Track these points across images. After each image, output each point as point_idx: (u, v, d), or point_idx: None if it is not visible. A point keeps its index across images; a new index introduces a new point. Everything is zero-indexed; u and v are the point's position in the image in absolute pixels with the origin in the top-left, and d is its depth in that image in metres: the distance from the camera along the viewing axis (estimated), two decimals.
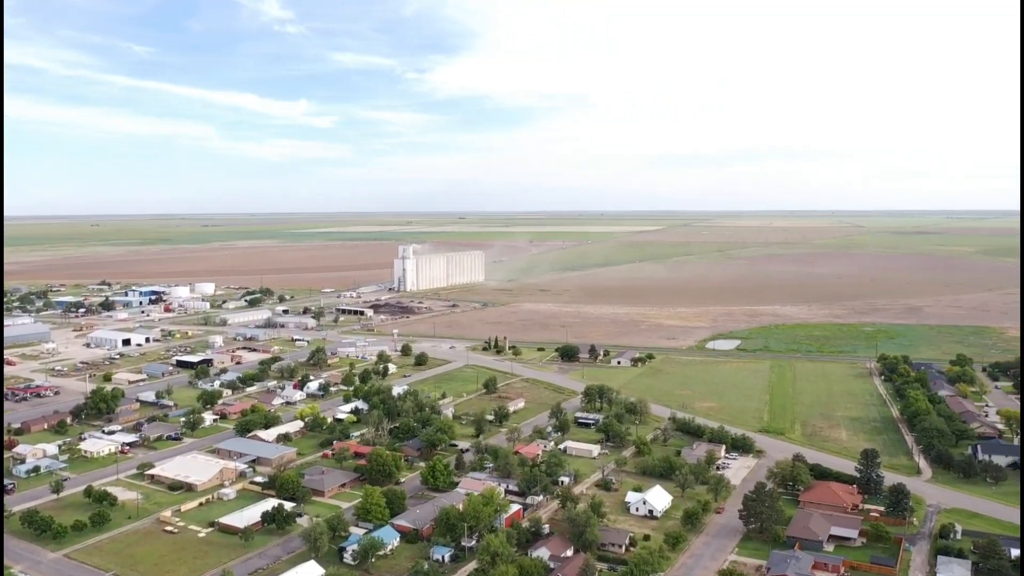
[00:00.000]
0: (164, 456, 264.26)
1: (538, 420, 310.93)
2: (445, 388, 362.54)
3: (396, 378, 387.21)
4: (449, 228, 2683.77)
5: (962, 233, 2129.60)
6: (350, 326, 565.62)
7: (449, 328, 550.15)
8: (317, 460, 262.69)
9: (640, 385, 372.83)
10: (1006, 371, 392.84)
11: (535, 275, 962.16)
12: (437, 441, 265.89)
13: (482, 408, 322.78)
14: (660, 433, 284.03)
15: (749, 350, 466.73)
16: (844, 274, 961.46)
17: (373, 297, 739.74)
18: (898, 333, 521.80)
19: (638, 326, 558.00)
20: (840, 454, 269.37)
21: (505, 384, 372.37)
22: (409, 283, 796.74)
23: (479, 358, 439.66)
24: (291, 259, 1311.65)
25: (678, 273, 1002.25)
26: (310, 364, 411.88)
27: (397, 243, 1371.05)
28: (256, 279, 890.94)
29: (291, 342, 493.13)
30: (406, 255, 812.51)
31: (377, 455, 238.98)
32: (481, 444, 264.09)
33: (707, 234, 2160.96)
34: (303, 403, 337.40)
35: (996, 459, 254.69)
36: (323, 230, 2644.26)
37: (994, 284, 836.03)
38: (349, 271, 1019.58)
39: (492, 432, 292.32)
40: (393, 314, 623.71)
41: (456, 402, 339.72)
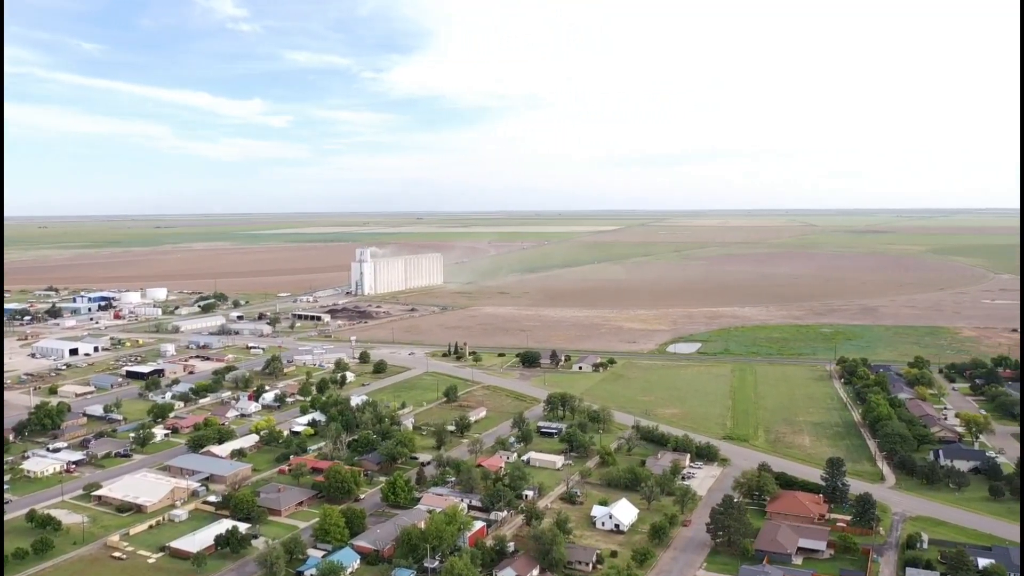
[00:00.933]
0: (112, 475, 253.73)
1: (500, 430, 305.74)
2: (405, 397, 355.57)
3: (354, 387, 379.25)
4: (407, 229, 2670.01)
5: (911, 232, 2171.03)
6: (307, 332, 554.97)
7: (408, 333, 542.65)
8: (273, 476, 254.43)
9: (602, 391, 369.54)
10: (962, 372, 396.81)
11: (494, 277, 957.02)
12: (397, 455, 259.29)
13: (443, 418, 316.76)
14: (624, 442, 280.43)
15: (710, 353, 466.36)
16: (800, 274, 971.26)
17: (330, 301, 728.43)
18: (855, 334, 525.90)
19: (598, 329, 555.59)
20: (805, 461, 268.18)
21: (466, 392, 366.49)
22: (367, 287, 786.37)
23: (439, 364, 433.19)
24: (246, 262, 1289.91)
25: (637, 274, 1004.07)
26: (266, 373, 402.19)
27: (354, 245, 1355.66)
28: (210, 283, 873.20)
29: (246, 350, 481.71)
30: (364, 258, 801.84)
31: (335, 471, 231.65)
32: (442, 457, 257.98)
33: (665, 234, 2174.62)
34: (258, 415, 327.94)
35: (958, 464, 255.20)
36: (279, 231, 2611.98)
37: (945, 283, 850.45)
38: (306, 274, 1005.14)
39: (454, 443, 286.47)
40: (351, 319, 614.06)
41: (416, 412, 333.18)
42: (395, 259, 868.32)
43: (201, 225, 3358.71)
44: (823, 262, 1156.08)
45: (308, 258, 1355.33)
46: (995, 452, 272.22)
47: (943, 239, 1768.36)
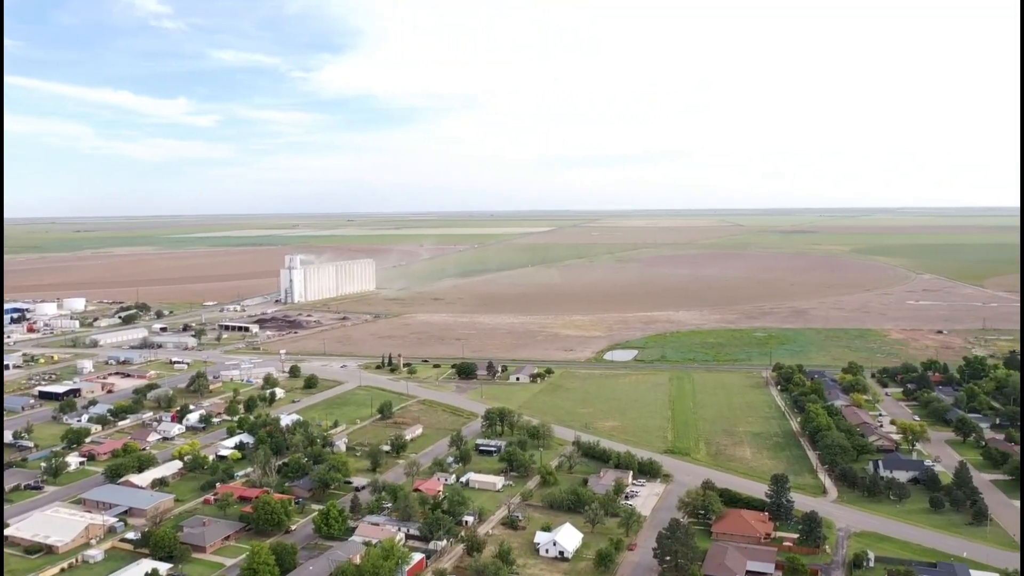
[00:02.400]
0: (21, 511, 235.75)
1: (437, 448, 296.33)
2: (337, 414, 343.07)
3: (284, 404, 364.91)
4: (338, 231, 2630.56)
5: (835, 232, 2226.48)
6: (234, 344, 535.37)
7: (340, 344, 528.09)
8: (198, 508, 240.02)
9: (540, 403, 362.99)
10: (894, 377, 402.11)
11: (428, 282, 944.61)
12: (330, 480, 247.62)
13: (378, 437, 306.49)
14: (565, 459, 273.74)
15: (647, 361, 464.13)
16: (731, 276, 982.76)
17: (259, 310, 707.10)
18: (788, 338, 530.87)
19: (534, 337, 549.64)
20: (747, 475, 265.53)
21: (401, 407, 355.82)
22: (297, 294, 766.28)
23: (373, 377, 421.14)
24: (171, 268, 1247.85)
25: (572, 277, 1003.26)
26: (190, 391, 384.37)
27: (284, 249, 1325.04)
28: (132, 292, 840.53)
29: (169, 365, 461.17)
30: (293, 265, 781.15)
31: (265, 502, 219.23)
32: (378, 482, 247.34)
33: (597, 235, 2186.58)
34: (182, 438, 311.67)
35: (897, 474, 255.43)
36: (206, 234, 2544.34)
37: (870, 284, 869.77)
38: (233, 281, 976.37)
39: (389, 464, 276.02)
40: (280, 329, 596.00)
41: (350, 430, 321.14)
42: (326, 265, 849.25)
43: (124, 228, 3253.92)
44: (752, 263, 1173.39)
45: (236, 263, 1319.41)
46: (932, 461, 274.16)
47: (865, 239, 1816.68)
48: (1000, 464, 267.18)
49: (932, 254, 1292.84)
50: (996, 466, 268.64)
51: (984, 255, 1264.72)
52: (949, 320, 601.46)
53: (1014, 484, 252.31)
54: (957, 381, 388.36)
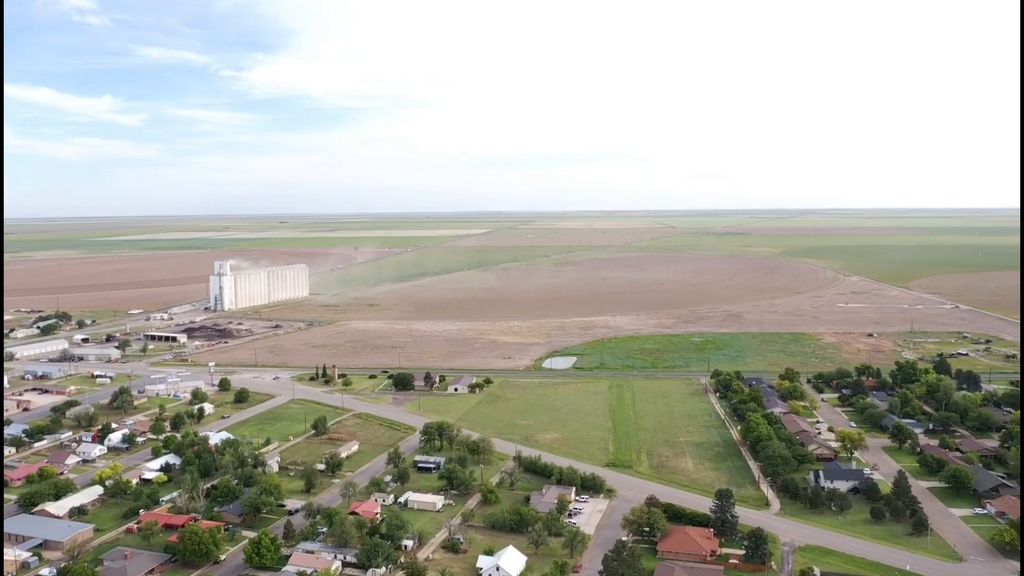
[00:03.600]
0: None
1: (375, 465, 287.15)
2: (269, 431, 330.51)
3: (214, 420, 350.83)
4: (271, 234, 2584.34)
5: (764, 233, 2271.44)
6: (161, 355, 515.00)
7: (272, 354, 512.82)
8: (119, 538, 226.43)
9: (480, 415, 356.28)
10: (829, 382, 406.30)
11: (363, 288, 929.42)
12: (262, 505, 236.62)
13: (312, 455, 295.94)
14: (507, 476, 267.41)
15: (586, 368, 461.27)
16: (666, 279, 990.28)
17: (187, 319, 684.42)
18: (725, 343, 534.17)
19: (472, 344, 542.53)
20: (690, 488, 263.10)
21: (336, 422, 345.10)
22: (227, 301, 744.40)
23: (306, 390, 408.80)
24: (94, 273, 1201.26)
25: (508, 281, 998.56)
26: (113, 408, 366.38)
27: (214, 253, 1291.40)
28: (52, 299, 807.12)
29: (91, 379, 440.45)
30: (223, 271, 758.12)
31: (192, 531, 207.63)
32: (313, 505, 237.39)
33: (533, 237, 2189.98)
34: (104, 460, 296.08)
35: (838, 484, 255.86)
36: (132, 237, 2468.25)
37: (801, 287, 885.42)
38: (160, 287, 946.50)
39: (325, 485, 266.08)
40: (210, 339, 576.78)
41: (283, 448, 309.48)
42: (257, 271, 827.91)
43: (44, 231, 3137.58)
44: (687, 266, 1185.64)
45: (163, 268, 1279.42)
46: (870, 469, 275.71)
47: (794, 240, 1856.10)
48: (936, 471, 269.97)
49: (859, 256, 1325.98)
50: (932, 473, 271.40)
51: (908, 257, 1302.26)
52: (878, 323, 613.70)
53: (950, 492, 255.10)
54: (890, 386, 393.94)
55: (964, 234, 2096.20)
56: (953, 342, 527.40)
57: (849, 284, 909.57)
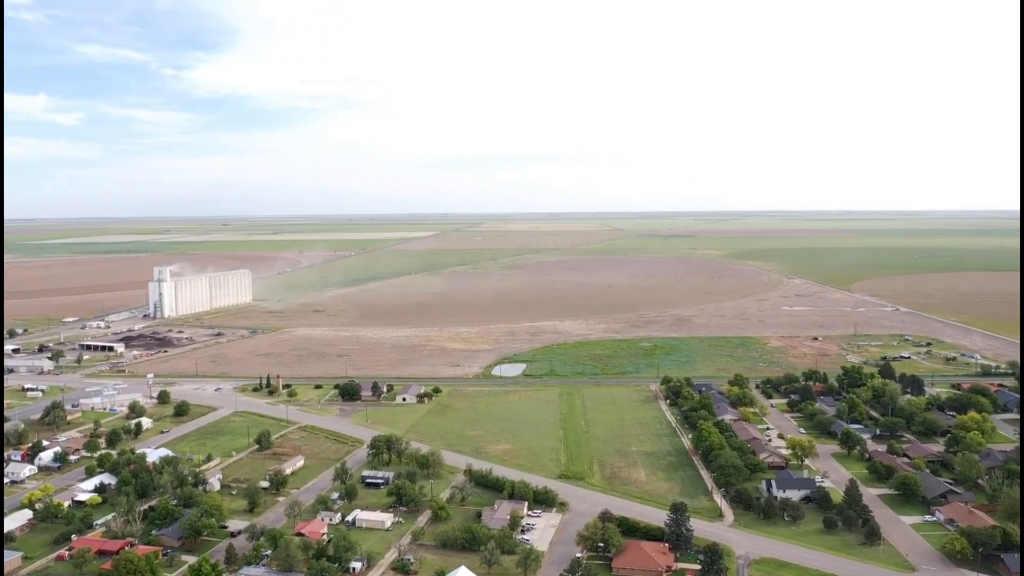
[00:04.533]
0: None
1: (321, 482, 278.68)
2: (211, 447, 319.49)
3: (152, 435, 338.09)
4: (213, 237, 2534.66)
5: (710, 236, 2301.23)
6: (97, 366, 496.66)
7: (214, 364, 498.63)
8: (49, 566, 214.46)
9: (429, 426, 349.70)
10: (778, 387, 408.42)
11: (308, 293, 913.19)
12: (202, 528, 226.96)
13: (255, 471, 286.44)
14: (457, 491, 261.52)
15: (536, 375, 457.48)
16: (615, 283, 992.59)
17: (125, 327, 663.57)
18: (673, 348, 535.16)
19: (420, 351, 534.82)
20: (643, 500, 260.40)
21: (280, 436, 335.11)
22: (167, 309, 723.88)
23: (250, 401, 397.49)
24: (27, 279, 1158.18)
25: (456, 286, 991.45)
26: (44, 423, 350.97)
27: (154, 256, 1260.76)
28: None
29: (21, 392, 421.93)
30: (163, 277, 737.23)
31: (127, 559, 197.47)
32: (256, 526, 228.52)
33: (480, 240, 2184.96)
34: (34, 481, 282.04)
35: (790, 493, 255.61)
36: (68, 240, 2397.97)
37: (747, 290, 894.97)
38: (97, 293, 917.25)
39: (268, 503, 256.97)
40: (149, 348, 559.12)
41: (225, 465, 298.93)
42: (199, 277, 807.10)
43: None
44: (634, 269, 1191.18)
45: (101, 273, 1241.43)
46: (820, 477, 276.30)
47: (738, 243, 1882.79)
48: (885, 478, 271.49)
49: (802, 258, 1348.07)
50: (881, 480, 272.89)
51: (849, 259, 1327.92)
52: (822, 326, 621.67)
53: (900, 499, 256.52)
54: (837, 391, 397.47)
55: (904, 237, 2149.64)
56: (895, 345, 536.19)
57: (793, 287, 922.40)
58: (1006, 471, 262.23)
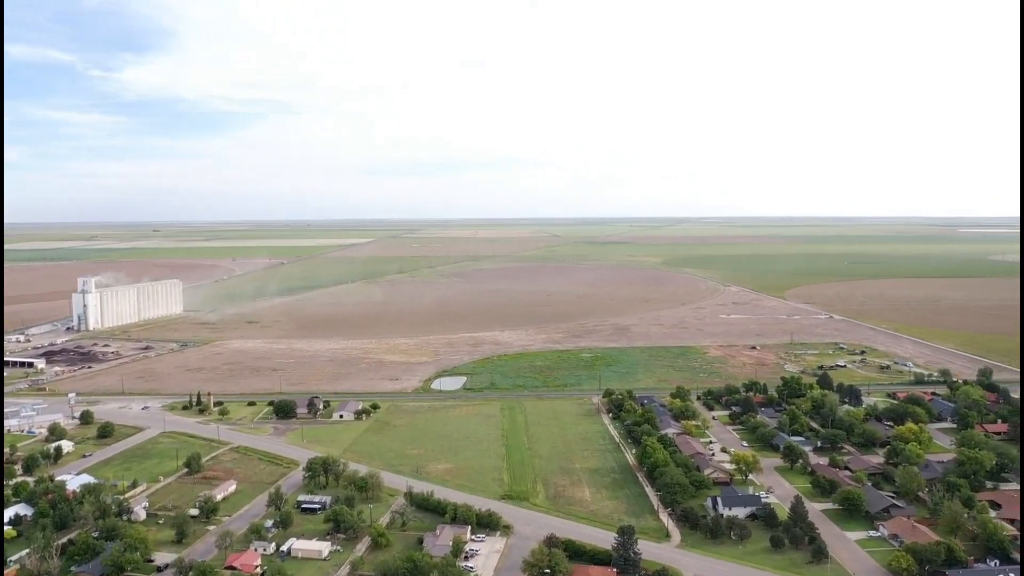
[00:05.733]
0: None
1: (255, 508, 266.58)
2: (137, 471, 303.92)
3: (73, 460, 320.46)
4: (143, 243, 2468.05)
5: (646, 242, 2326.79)
6: (15, 384, 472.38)
7: (142, 380, 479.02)
8: None
9: (367, 445, 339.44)
10: (719, 399, 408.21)
11: (242, 303, 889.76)
12: (126, 563, 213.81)
13: (184, 497, 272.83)
14: (398, 516, 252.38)
15: (476, 389, 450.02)
16: (554, 291, 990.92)
17: (47, 340, 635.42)
18: (614, 359, 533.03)
19: (358, 365, 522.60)
20: (589, 520, 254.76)
21: (211, 458, 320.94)
22: (92, 321, 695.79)
23: (179, 420, 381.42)
24: None
25: (394, 295, 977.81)
26: None
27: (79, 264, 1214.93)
28: None
29: None
30: (87, 288, 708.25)
31: None
32: (184, 560, 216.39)
33: (418, 247, 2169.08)
34: None
35: (736, 511, 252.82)
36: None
37: (684, 297, 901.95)
38: (17, 304, 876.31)
39: (198, 533, 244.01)
40: (72, 363, 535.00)
41: (151, 491, 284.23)
42: (126, 287, 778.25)
43: None
44: (572, 277, 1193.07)
45: (21, 283, 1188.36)
46: (765, 492, 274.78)
47: (675, 249, 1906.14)
48: (828, 493, 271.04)
49: (737, 266, 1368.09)
50: (824, 494, 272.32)
51: (783, 266, 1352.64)
52: (760, 334, 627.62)
53: (844, 514, 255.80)
54: (777, 402, 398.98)
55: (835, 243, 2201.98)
56: (831, 353, 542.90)
57: (730, 294, 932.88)
58: (946, 484, 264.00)
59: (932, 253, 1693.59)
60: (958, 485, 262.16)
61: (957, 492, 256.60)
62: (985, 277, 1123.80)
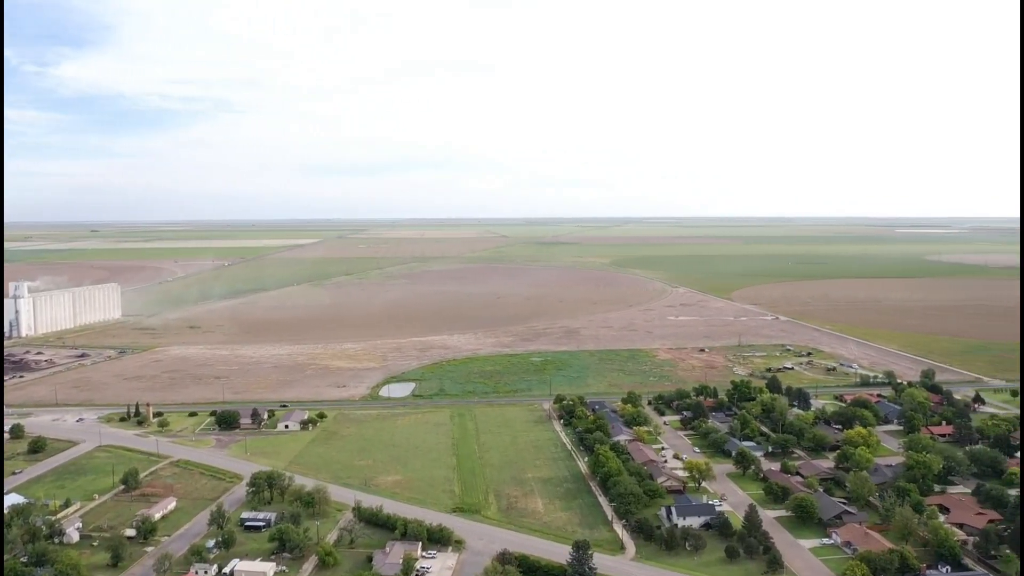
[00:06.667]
0: None
1: (196, 526, 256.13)
2: (70, 489, 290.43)
3: None
4: (80, 244, 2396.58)
5: (594, 243, 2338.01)
6: None
7: (77, 390, 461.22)
8: None
9: (314, 457, 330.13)
10: (670, 403, 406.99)
11: (183, 307, 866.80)
12: None
13: (121, 517, 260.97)
14: (346, 532, 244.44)
15: (425, 396, 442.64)
16: (503, 292, 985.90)
17: None
18: (564, 362, 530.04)
19: (304, 371, 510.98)
20: (543, 533, 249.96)
21: (150, 473, 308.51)
22: (24, 328, 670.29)
23: (116, 433, 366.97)
24: None
25: (341, 298, 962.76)
26: None
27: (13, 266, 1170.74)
28: None
29: None
30: (19, 293, 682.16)
31: None
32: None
33: (364, 247, 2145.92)
34: None
35: (690, 520, 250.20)
36: None
37: (632, 299, 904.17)
38: None
39: (135, 556, 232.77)
40: None
41: (85, 511, 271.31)
42: (61, 292, 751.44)
43: None
44: (522, 278, 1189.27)
45: None
46: (718, 500, 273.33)
47: (621, 250, 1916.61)
48: (781, 500, 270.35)
49: (684, 266, 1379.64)
50: (777, 501, 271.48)
51: (729, 267, 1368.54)
52: (708, 336, 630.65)
53: (797, 521, 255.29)
54: (727, 406, 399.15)
55: (779, 243, 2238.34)
56: (778, 355, 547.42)
57: (677, 296, 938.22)
58: (896, 489, 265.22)
59: (872, 253, 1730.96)
60: (907, 490, 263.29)
61: (907, 497, 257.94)
62: (922, 277, 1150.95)
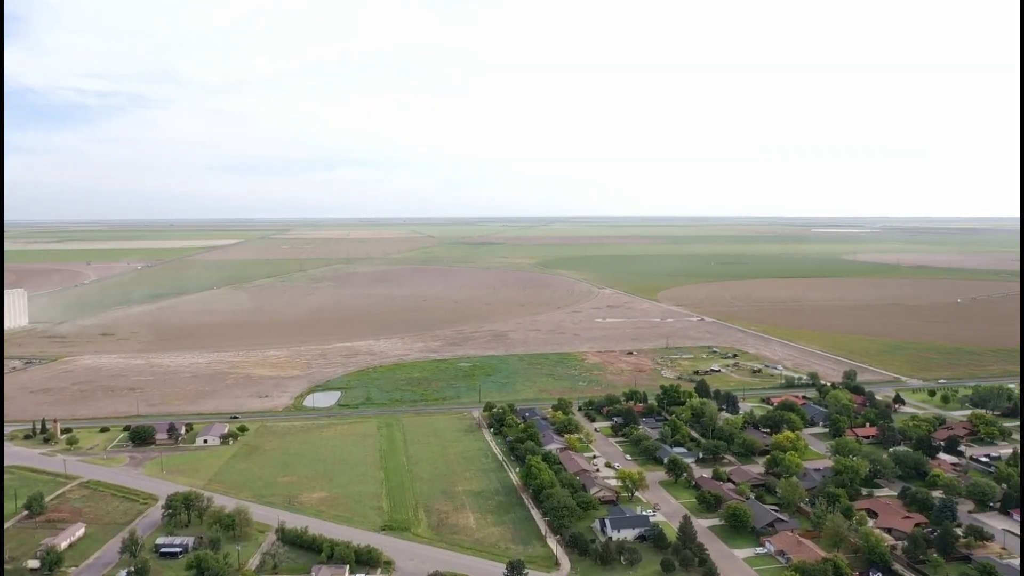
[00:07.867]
0: None
1: (106, 555, 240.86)
2: None
3: None
4: None
5: (519, 243, 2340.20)
6: None
7: None
8: None
9: (235, 473, 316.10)
10: (600, 409, 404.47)
11: (96, 312, 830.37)
12: None
13: (24, 546, 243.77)
14: (269, 557, 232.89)
15: (351, 405, 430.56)
16: (429, 295, 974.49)
17: None
18: (493, 367, 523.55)
19: (224, 380, 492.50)
20: (475, 550, 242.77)
21: (57, 496, 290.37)
22: None
23: (19, 452, 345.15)
24: None
25: (263, 302, 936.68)
26: None
27: None
28: None
29: None
30: None
31: None
32: None
33: (287, 248, 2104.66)
34: None
35: (624, 533, 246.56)
36: None
37: (559, 301, 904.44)
38: None
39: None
40: None
41: None
42: None
43: None
44: (448, 280, 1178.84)
45: None
46: (652, 510, 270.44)
47: (547, 250, 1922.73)
48: (714, 508, 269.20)
49: (609, 267, 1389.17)
50: (710, 510, 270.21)
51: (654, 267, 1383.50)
52: (635, 338, 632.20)
53: (730, 530, 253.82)
54: (657, 411, 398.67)
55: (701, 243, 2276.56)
56: (705, 357, 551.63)
57: (604, 297, 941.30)
58: (826, 494, 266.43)
59: (791, 253, 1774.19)
60: (837, 495, 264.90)
61: (837, 503, 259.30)
62: (840, 277, 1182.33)
